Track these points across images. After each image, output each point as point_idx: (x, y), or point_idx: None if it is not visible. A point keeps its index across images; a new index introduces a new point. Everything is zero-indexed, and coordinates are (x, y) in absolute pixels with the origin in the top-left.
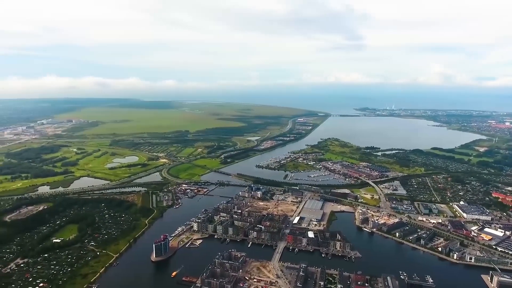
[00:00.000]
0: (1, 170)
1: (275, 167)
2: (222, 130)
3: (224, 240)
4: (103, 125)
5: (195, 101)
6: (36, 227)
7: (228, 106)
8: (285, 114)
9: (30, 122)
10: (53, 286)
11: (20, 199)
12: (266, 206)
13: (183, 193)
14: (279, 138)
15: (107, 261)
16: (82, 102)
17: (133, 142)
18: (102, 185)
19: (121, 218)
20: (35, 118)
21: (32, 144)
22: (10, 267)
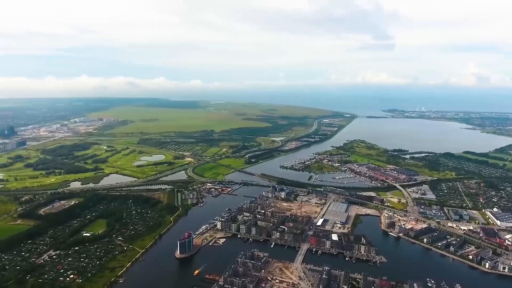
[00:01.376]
0: (37, 166)
1: (300, 168)
2: (247, 130)
3: (247, 239)
4: (132, 124)
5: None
6: (68, 221)
7: (253, 106)
8: (311, 115)
9: (64, 120)
10: (82, 278)
11: (54, 193)
12: (289, 207)
13: (208, 192)
14: (304, 139)
15: (134, 256)
16: (113, 101)
17: (160, 141)
18: (130, 182)
19: (147, 215)
20: (69, 116)
21: (65, 142)
22: (44, 258)
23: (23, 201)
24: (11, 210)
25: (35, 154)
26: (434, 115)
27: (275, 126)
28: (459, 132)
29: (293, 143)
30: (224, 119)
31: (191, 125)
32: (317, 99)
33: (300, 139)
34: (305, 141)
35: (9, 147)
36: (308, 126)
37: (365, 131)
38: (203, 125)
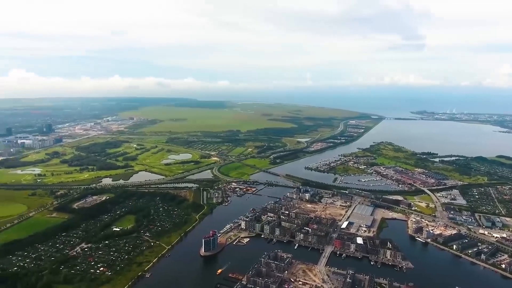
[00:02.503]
0: (72, 162)
1: (325, 169)
2: (273, 130)
3: (270, 240)
4: (161, 123)
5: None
6: (99, 215)
7: (279, 107)
8: (337, 116)
9: (97, 118)
10: (112, 271)
11: (86, 189)
12: (313, 209)
13: (233, 191)
14: (329, 140)
15: (160, 251)
16: (143, 101)
17: (188, 140)
18: (158, 180)
19: (173, 212)
20: (102, 115)
21: (98, 139)
22: (76, 250)
23: (59, 195)
24: (47, 204)
25: (71, 150)
26: (466, 117)
27: (301, 127)
28: (493, 135)
29: (318, 144)
30: (250, 119)
31: (218, 125)
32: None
33: (326, 141)
34: (330, 142)
35: (47, 143)
36: (334, 128)
37: (393, 133)
38: (230, 125)
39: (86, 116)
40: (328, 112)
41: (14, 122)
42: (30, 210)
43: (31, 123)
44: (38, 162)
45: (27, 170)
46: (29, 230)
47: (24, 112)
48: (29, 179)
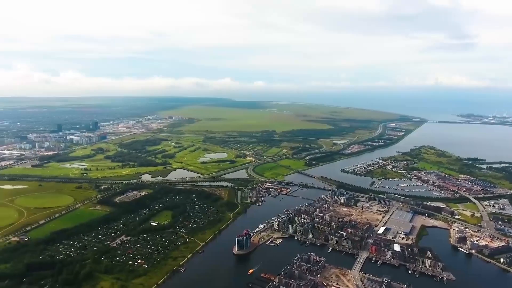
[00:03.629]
0: (115, 158)
1: (362, 172)
2: (308, 131)
3: (303, 242)
4: (198, 122)
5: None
6: (138, 210)
7: (316, 108)
8: (376, 118)
9: (139, 117)
10: (148, 264)
11: (127, 184)
12: (349, 213)
13: (267, 192)
14: (367, 142)
15: (194, 248)
16: (182, 101)
17: (224, 139)
18: (194, 178)
19: (208, 210)
20: (143, 114)
21: (139, 137)
22: (116, 242)
23: (102, 189)
24: (92, 197)
25: (114, 147)
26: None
27: (338, 129)
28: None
29: (355, 146)
30: (286, 120)
31: (254, 125)
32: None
33: (363, 143)
34: (368, 145)
35: (93, 140)
36: (372, 130)
37: (436, 136)
38: (265, 125)
39: (129, 114)
40: (366, 114)
41: (64, 119)
42: (76, 202)
43: (79, 121)
44: (84, 157)
45: (75, 165)
46: (75, 221)
47: (73, 110)
48: (76, 173)
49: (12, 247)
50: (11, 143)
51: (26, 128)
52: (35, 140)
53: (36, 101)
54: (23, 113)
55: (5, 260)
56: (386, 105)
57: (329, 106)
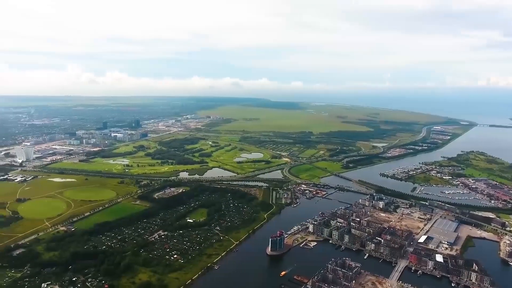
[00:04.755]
0: (155, 155)
1: (402, 177)
2: (346, 133)
3: (339, 246)
4: (235, 122)
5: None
6: (176, 206)
7: (354, 109)
8: (419, 121)
9: (178, 116)
10: (184, 259)
11: (166, 181)
12: (388, 219)
13: (302, 193)
14: (409, 146)
15: (228, 246)
16: (219, 101)
17: (260, 139)
18: (230, 177)
19: (243, 209)
20: (182, 113)
21: (178, 136)
22: (154, 236)
23: (142, 185)
24: (133, 192)
25: (154, 145)
26: None
27: (377, 131)
28: None
29: (396, 150)
30: (323, 121)
31: (290, 125)
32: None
33: (405, 146)
34: (410, 149)
35: (135, 137)
36: (415, 133)
37: (486, 141)
38: (302, 126)
39: (169, 113)
40: (409, 116)
41: (109, 117)
42: (118, 197)
43: (123, 119)
44: (126, 154)
45: (118, 161)
46: (116, 214)
47: (117, 108)
48: (119, 168)
49: (60, 236)
50: (61, 139)
51: (75, 125)
52: (83, 137)
53: (84, 100)
54: (72, 111)
55: (53, 248)
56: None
57: (369, 108)
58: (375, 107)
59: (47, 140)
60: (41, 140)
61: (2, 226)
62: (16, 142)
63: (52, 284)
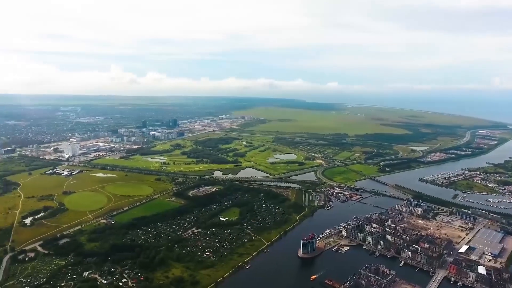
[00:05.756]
0: (190, 154)
1: (443, 183)
2: (383, 136)
3: (373, 252)
4: (269, 122)
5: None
6: (209, 204)
7: (393, 111)
8: (462, 124)
9: (213, 116)
10: (216, 257)
11: (200, 179)
12: (426, 226)
13: (335, 196)
14: (451, 151)
15: (260, 246)
16: (254, 101)
17: (293, 140)
18: (263, 177)
19: (275, 210)
20: (217, 113)
21: (213, 135)
22: (188, 233)
23: (178, 183)
24: (168, 189)
25: (190, 144)
26: None
27: (417, 134)
28: None
29: (437, 154)
30: (359, 123)
31: (325, 127)
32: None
33: (446, 151)
34: (452, 153)
35: (171, 136)
36: (458, 137)
37: None
38: (337, 128)
39: (204, 113)
40: (451, 119)
41: (148, 116)
42: (155, 193)
43: (161, 118)
44: (164, 152)
45: (155, 158)
46: (153, 210)
47: (156, 108)
48: (156, 166)
49: (101, 228)
50: (104, 136)
51: (117, 123)
52: (124, 135)
53: (125, 99)
54: (115, 110)
55: (95, 239)
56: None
57: (409, 110)
58: (414, 109)
59: (92, 137)
60: (86, 137)
61: (50, 217)
62: (64, 139)
63: (92, 273)
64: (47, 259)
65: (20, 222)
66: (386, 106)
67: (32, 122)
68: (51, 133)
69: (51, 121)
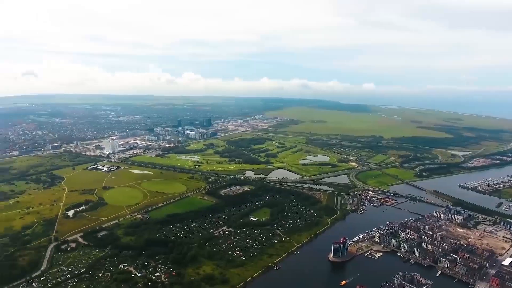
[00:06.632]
0: (223, 153)
1: (486, 191)
2: (421, 139)
3: (407, 260)
4: (302, 123)
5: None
6: (240, 204)
7: (432, 114)
8: (509, 129)
9: (246, 116)
10: (245, 256)
11: (232, 179)
12: (466, 235)
13: (369, 200)
14: (496, 156)
15: (290, 248)
16: (287, 102)
17: (326, 142)
18: (294, 179)
19: (306, 212)
20: (250, 113)
21: (245, 135)
22: (219, 231)
23: (210, 181)
24: (201, 187)
25: (223, 143)
26: None
27: (458, 138)
28: None
29: (480, 160)
30: (395, 125)
31: (359, 129)
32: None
33: (491, 157)
34: (497, 159)
35: (205, 135)
36: (504, 142)
37: None
38: (372, 130)
39: (237, 113)
40: (497, 122)
41: (183, 116)
42: (188, 191)
43: (195, 118)
44: (197, 151)
45: (189, 157)
46: (186, 207)
47: (191, 108)
48: (190, 164)
49: (137, 223)
50: (141, 134)
51: (153, 123)
52: (160, 133)
53: (162, 99)
54: (152, 109)
55: (130, 233)
56: None
57: (449, 112)
58: (456, 112)
59: (130, 135)
60: (124, 135)
61: (91, 210)
62: (104, 136)
63: (128, 266)
64: (87, 250)
65: (63, 214)
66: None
67: (76, 120)
68: (93, 131)
69: (94, 119)
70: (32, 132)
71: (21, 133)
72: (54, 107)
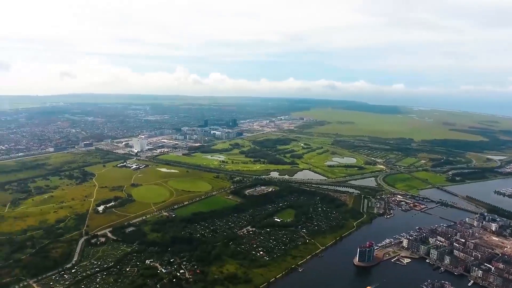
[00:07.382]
0: (248, 154)
1: None
2: (454, 142)
3: (437, 267)
4: (328, 124)
5: (426, 108)
6: (264, 204)
7: (466, 116)
8: None
9: (272, 117)
10: (269, 257)
11: (257, 179)
12: (501, 244)
13: (397, 205)
14: None
15: (314, 250)
16: (313, 102)
17: (353, 144)
18: (320, 180)
19: (331, 214)
20: (276, 114)
21: (271, 136)
22: (243, 231)
23: (235, 181)
24: (226, 187)
25: (248, 143)
26: None
27: (494, 142)
28: None
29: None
30: (426, 128)
31: (388, 131)
32: None
33: None
34: None
35: (231, 135)
36: None
37: None
38: (401, 132)
39: (263, 114)
40: None
41: (209, 116)
42: (213, 190)
43: (221, 117)
44: (223, 150)
45: (215, 156)
46: (210, 206)
47: (217, 108)
48: (216, 164)
49: (163, 220)
50: (169, 134)
51: (180, 122)
52: (187, 133)
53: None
54: (179, 109)
55: (157, 230)
56: None
57: (485, 115)
58: (493, 114)
59: (158, 134)
60: (153, 134)
61: (119, 206)
62: (133, 135)
63: (154, 262)
64: (115, 245)
65: (94, 209)
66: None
67: (108, 118)
68: (123, 129)
69: (124, 118)
70: (66, 130)
71: (56, 131)
72: (87, 106)
